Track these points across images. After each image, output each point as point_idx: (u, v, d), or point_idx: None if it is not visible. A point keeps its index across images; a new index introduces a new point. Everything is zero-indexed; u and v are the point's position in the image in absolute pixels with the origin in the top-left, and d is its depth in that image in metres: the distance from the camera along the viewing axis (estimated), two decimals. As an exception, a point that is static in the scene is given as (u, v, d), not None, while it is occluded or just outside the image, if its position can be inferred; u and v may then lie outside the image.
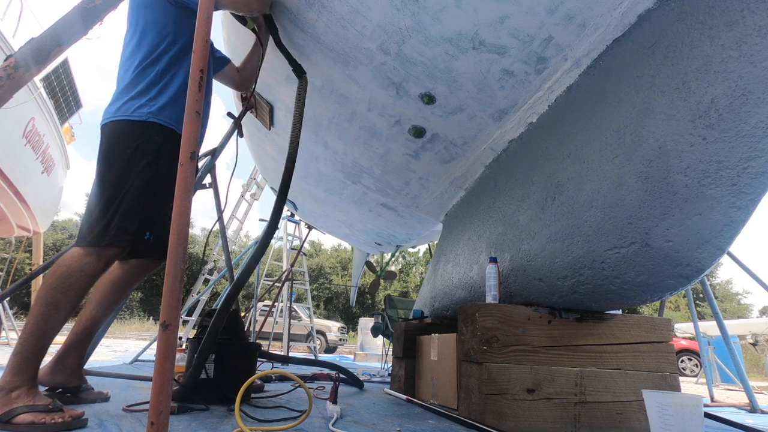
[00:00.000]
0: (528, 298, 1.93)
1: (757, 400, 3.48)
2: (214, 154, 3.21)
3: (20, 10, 6.52)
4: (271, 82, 2.81)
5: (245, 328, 4.11)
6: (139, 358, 4.20)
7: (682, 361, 10.19)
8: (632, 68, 1.56)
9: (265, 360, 2.84)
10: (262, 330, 7.08)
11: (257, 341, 2.86)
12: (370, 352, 9.29)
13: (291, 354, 6.40)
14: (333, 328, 13.91)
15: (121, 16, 1.87)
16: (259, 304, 7.65)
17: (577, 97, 1.86)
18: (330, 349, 13.15)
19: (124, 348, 7.25)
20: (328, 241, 37.50)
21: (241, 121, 3.16)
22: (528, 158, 2.14)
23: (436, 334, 2.35)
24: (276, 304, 7.44)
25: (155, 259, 1.81)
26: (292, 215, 7.33)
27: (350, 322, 22.81)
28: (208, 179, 3.19)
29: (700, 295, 17.89)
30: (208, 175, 3.19)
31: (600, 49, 1.73)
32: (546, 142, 2.01)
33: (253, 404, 1.93)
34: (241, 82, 2.33)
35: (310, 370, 3.41)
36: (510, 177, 2.28)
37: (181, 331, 7.03)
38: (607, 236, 1.52)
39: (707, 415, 2.19)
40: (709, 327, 7.24)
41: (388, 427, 1.61)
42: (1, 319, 7.17)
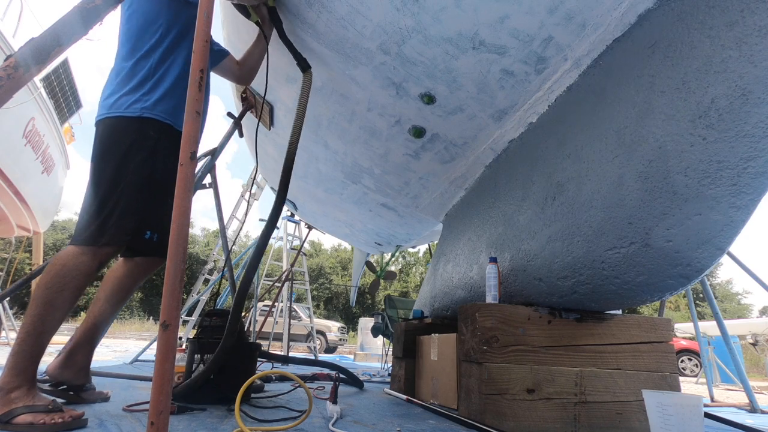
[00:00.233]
0: (528, 298, 1.93)
1: (757, 400, 3.48)
2: (214, 154, 3.21)
3: (20, 10, 6.52)
4: (271, 82, 2.81)
5: (245, 328, 4.11)
6: (139, 358, 4.20)
7: (682, 361, 10.19)
8: (632, 68, 1.56)
9: (265, 360, 2.84)
10: (262, 330, 7.08)
11: (257, 341, 2.86)
12: (370, 352, 9.29)
13: (291, 354, 6.40)
14: (333, 328, 13.91)
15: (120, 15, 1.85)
16: (259, 304, 7.64)
17: (577, 97, 1.86)
18: (330, 349, 13.15)
19: (124, 348, 7.25)
20: (328, 241, 37.51)
21: (241, 121, 3.17)
22: (528, 158, 2.14)
23: (436, 334, 2.35)
24: (276, 304, 7.44)
25: (161, 257, 1.80)
26: (292, 215, 7.33)
27: (350, 322, 22.82)
28: (208, 179, 3.19)
29: (700, 295, 17.89)
30: (208, 175, 3.19)
31: (600, 49, 1.73)
32: (546, 142, 2.01)
33: (253, 404, 1.93)
34: (242, 75, 2.26)
35: (310, 370, 3.41)
36: (510, 177, 2.28)
37: (181, 331, 7.03)
38: (607, 236, 1.52)
39: (707, 415, 2.19)
40: (709, 327, 7.24)
41: (388, 427, 1.61)
42: (1, 319, 7.17)
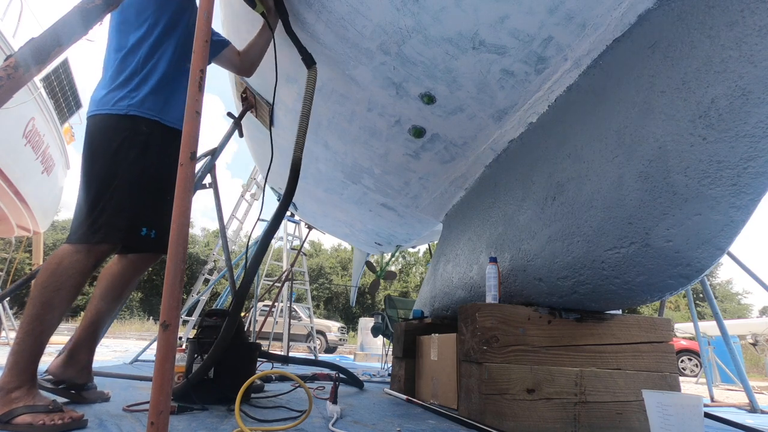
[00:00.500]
0: (528, 298, 1.93)
1: (757, 400, 3.48)
2: (214, 154, 3.21)
3: (20, 10, 6.52)
4: (271, 82, 2.80)
5: (245, 328, 4.11)
6: (139, 358, 4.20)
7: (682, 361, 10.19)
8: (632, 68, 1.56)
9: (265, 360, 2.84)
10: (262, 330, 7.08)
11: (257, 341, 2.86)
12: (370, 352, 9.29)
13: (291, 354, 6.39)
14: (333, 328, 13.91)
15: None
16: (259, 304, 7.64)
17: (577, 97, 1.86)
18: (330, 349, 13.15)
19: (124, 348, 7.25)
20: (328, 241, 37.52)
21: (241, 121, 3.17)
22: (528, 158, 2.14)
23: (436, 334, 2.35)
24: (276, 304, 7.44)
25: (155, 253, 1.80)
26: (292, 215, 7.33)
27: (350, 322, 22.82)
28: (208, 179, 3.19)
29: (700, 295, 17.89)
30: (209, 175, 3.19)
31: (600, 49, 1.73)
32: (546, 142, 2.01)
33: (253, 404, 1.93)
34: (242, 67, 2.20)
35: (310, 370, 3.41)
36: (510, 177, 2.28)
37: (181, 331, 7.03)
38: (607, 236, 1.52)
39: (707, 415, 2.19)
40: (709, 327, 7.24)
41: (388, 427, 1.61)
42: (1, 319, 7.17)
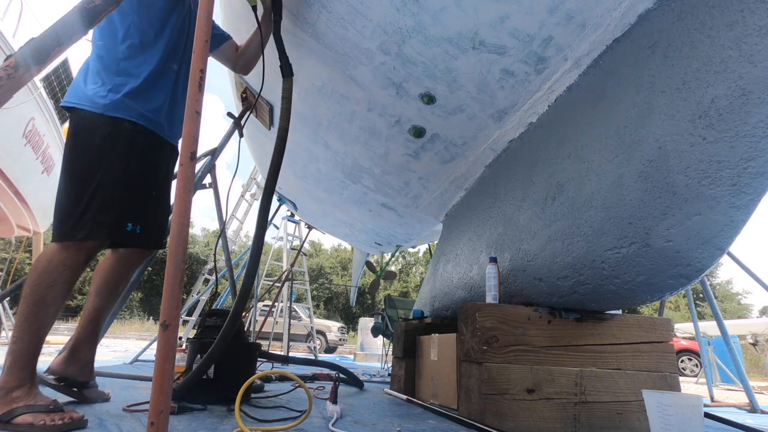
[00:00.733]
0: (528, 298, 1.93)
1: (757, 400, 3.48)
2: (214, 154, 3.21)
3: (20, 10, 6.52)
4: (271, 82, 2.81)
5: (245, 328, 4.10)
6: (139, 358, 4.20)
7: (682, 361, 10.19)
8: (632, 68, 1.56)
9: (265, 360, 2.84)
10: (262, 330, 7.08)
11: (257, 341, 2.86)
12: (370, 352, 9.29)
13: (291, 354, 6.39)
14: (333, 328, 13.91)
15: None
16: (259, 304, 7.64)
17: (577, 97, 1.86)
18: (330, 349, 13.15)
19: (124, 348, 7.24)
20: (328, 241, 37.52)
21: (241, 121, 3.17)
22: (528, 158, 2.14)
23: (436, 334, 2.35)
24: (276, 304, 7.44)
25: (146, 249, 1.79)
26: (292, 215, 7.33)
27: (350, 322, 22.82)
28: (208, 179, 3.19)
29: (700, 295, 17.88)
30: (209, 175, 3.19)
31: (600, 49, 1.73)
32: (546, 142, 2.01)
33: (253, 404, 1.93)
34: (237, 64, 2.16)
35: (310, 370, 3.41)
36: (510, 177, 2.28)
37: (181, 331, 7.03)
38: (607, 236, 1.52)
39: (707, 415, 2.19)
40: (709, 327, 7.23)
41: (388, 427, 1.61)
42: (1, 319, 7.17)
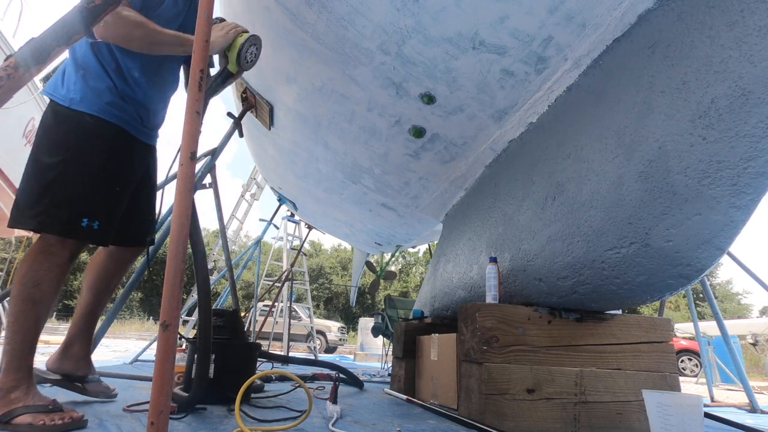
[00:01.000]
0: (528, 298, 1.93)
1: (757, 400, 3.48)
2: (214, 154, 3.21)
3: (20, 10, 6.52)
4: (271, 82, 2.81)
5: (245, 328, 4.11)
6: (139, 358, 4.20)
7: (682, 361, 10.18)
8: (632, 68, 1.56)
9: (265, 360, 2.84)
10: (262, 330, 7.08)
11: (257, 341, 2.86)
12: (370, 352, 9.29)
13: (291, 354, 6.40)
14: (333, 328, 13.91)
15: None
16: (259, 304, 7.64)
17: (577, 97, 1.86)
18: (330, 349, 13.15)
19: (124, 348, 7.24)
20: (328, 241, 37.49)
21: (241, 121, 3.17)
22: (528, 158, 2.14)
23: (436, 334, 2.35)
24: (276, 304, 7.44)
25: (131, 247, 1.78)
26: (292, 215, 7.33)
27: (350, 322, 22.81)
28: (208, 179, 3.19)
29: (700, 295, 17.87)
30: (209, 175, 3.18)
31: (600, 49, 1.73)
32: (546, 142, 2.01)
33: (253, 404, 1.93)
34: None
35: (310, 370, 3.40)
36: (510, 177, 2.28)
37: (181, 331, 7.03)
38: (607, 236, 1.52)
39: (707, 415, 2.19)
40: (709, 327, 7.23)
41: (388, 427, 1.61)
42: (2, 319, 7.17)
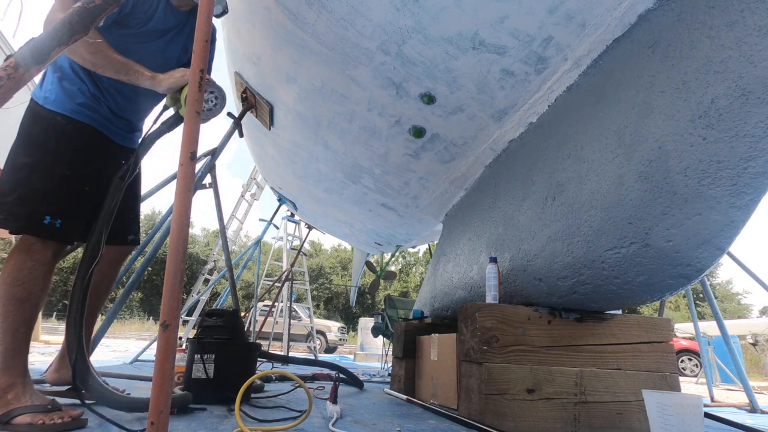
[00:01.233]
0: (528, 298, 1.93)
1: (757, 400, 3.48)
2: (214, 154, 3.21)
3: (20, 10, 6.52)
4: (271, 82, 2.81)
5: (245, 328, 4.10)
6: (139, 358, 4.20)
7: (682, 361, 10.18)
8: (632, 68, 1.56)
9: (265, 360, 2.84)
10: (262, 330, 7.08)
11: (257, 341, 2.86)
12: (370, 352, 9.29)
13: (291, 354, 6.40)
14: (333, 328, 13.90)
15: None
16: (259, 304, 7.64)
17: (577, 97, 1.86)
18: (330, 349, 13.15)
19: (124, 348, 7.23)
20: (328, 241, 37.48)
21: (241, 121, 3.17)
22: (528, 158, 2.14)
23: (436, 334, 2.35)
24: (276, 304, 7.44)
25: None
26: (292, 215, 7.33)
27: (350, 322, 22.81)
28: (208, 179, 3.19)
29: (700, 295, 17.88)
30: (209, 175, 3.18)
31: (600, 49, 1.73)
32: (546, 142, 2.01)
33: (253, 404, 1.93)
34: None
35: (310, 370, 3.41)
36: (510, 177, 2.28)
37: (181, 331, 7.03)
38: (607, 236, 1.52)
39: (707, 415, 2.19)
40: (709, 327, 7.22)
41: (388, 427, 1.61)
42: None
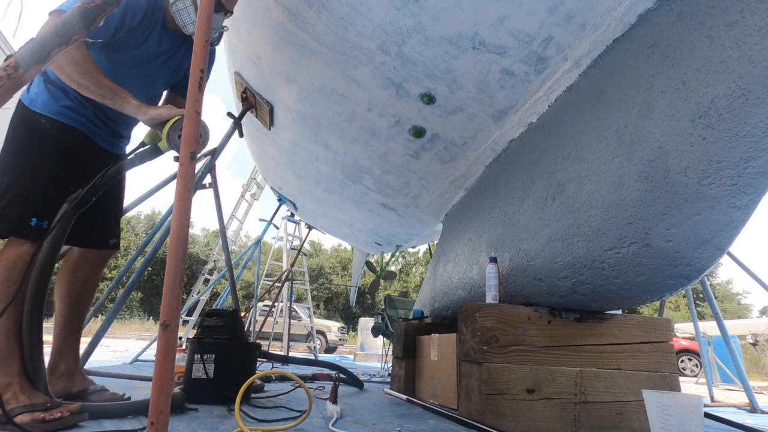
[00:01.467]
0: (528, 298, 1.93)
1: (757, 400, 3.48)
2: (214, 154, 3.21)
3: (20, 10, 6.53)
4: (271, 82, 2.81)
5: (245, 328, 4.10)
6: (139, 358, 4.20)
7: (682, 361, 10.18)
8: (632, 68, 1.56)
9: (265, 360, 2.84)
10: (262, 330, 7.08)
11: (257, 341, 2.86)
12: (370, 352, 9.29)
13: (291, 354, 6.40)
14: (333, 328, 13.90)
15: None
16: (259, 304, 7.64)
17: (577, 97, 1.86)
18: (330, 349, 13.15)
19: (124, 348, 7.24)
20: (328, 241, 37.45)
21: (241, 121, 3.16)
22: (528, 158, 2.14)
23: (436, 334, 2.35)
24: (276, 304, 7.44)
25: (94, 249, 1.77)
26: (292, 215, 7.33)
27: (350, 322, 22.80)
28: (208, 179, 3.19)
29: (700, 295, 17.87)
30: (208, 175, 3.18)
31: (600, 49, 1.73)
32: (546, 142, 2.01)
33: (253, 404, 1.93)
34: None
35: (310, 370, 3.41)
36: (510, 177, 2.28)
37: (181, 331, 7.03)
38: (607, 236, 1.52)
39: (707, 415, 2.19)
40: (709, 327, 7.22)
41: (388, 427, 1.61)
42: None
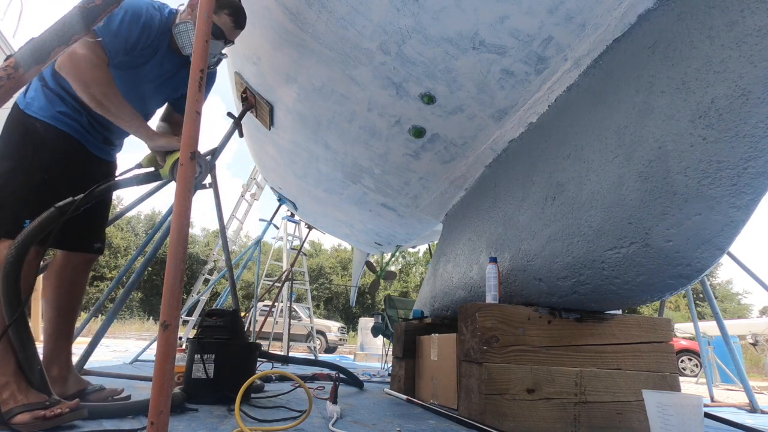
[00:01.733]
0: (528, 298, 1.93)
1: (757, 400, 3.48)
2: (214, 154, 3.20)
3: (20, 10, 6.52)
4: (271, 81, 2.81)
5: (245, 328, 4.11)
6: (139, 358, 4.20)
7: (682, 361, 10.18)
8: (632, 68, 1.56)
9: (265, 360, 2.84)
10: (262, 330, 7.08)
11: (257, 341, 2.86)
12: (370, 352, 9.29)
13: (291, 354, 6.39)
14: (333, 328, 13.91)
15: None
16: (259, 304, 7.64)
17: (577, 97, 1.86)
18: (330, 349, 13.15)
19: (124, 348, 7.23)
20: (328, 241, 37.43)
21: (241, 121, 3.16)
22: (528, 158, 2.14)
23: (436, 334, 2.35)
24: (276, 304, 7.44)
25: (78, 252, 1.77)
26: (292, 215, 7.33)
27: (350, 322, 22.80)
28: (208, 179, 3.19)
29: (700, 295, 17.87)
30: (208, 175, 3.18)
31: (600, 49, 1.73)
32: (546, 142, 2.01)
33: (253, 404, 1.93)
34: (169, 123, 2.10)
35: (310, 370, 3.41)
36: (510, 177, 2.28)
37: (181, 331, 7.03)
38: (607, 236, 1.52)
39: (707, 415, 2.19)
40: (709, 327, 7.22)
41: (388, 427, 1.61)
42: None
